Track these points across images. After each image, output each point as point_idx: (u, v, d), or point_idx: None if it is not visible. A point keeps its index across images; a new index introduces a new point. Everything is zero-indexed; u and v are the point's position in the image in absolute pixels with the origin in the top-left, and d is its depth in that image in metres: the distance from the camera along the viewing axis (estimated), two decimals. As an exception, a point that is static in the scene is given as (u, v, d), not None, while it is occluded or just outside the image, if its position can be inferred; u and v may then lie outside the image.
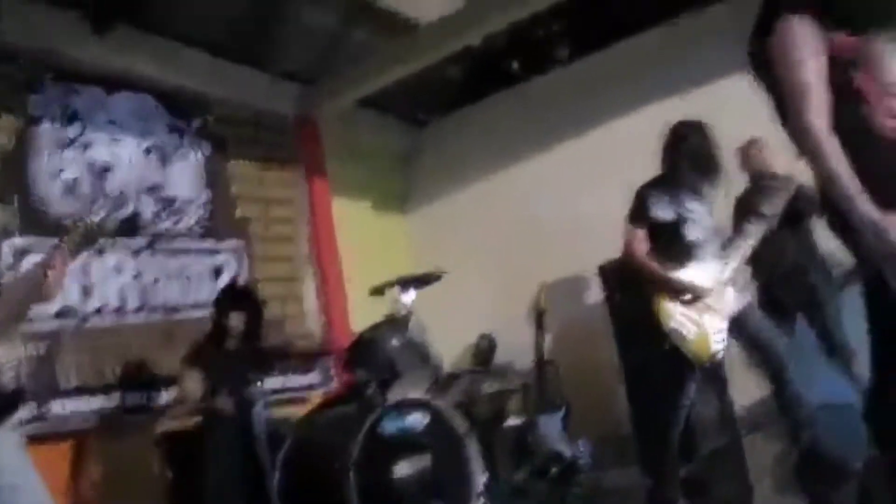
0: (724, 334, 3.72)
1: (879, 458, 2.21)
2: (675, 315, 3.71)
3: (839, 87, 2.00)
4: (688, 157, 3.78)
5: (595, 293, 5.81)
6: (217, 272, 5.27)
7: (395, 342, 3.58)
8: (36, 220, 4.38)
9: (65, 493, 4.07)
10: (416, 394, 3.53)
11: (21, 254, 4.24)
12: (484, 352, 6.39)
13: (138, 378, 4.68)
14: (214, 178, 5.44)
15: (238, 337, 4.06)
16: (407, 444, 3.40)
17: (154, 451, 4.22)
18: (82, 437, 4.31)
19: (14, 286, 2.21)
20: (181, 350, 4.69)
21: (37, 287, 2.17)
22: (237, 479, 3.64)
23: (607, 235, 4.22)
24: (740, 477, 4.45)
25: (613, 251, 4.37)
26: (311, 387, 5.43)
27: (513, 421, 5.04)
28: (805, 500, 3.66)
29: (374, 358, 3.56)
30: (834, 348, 4.47)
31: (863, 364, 2.57)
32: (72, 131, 4.66)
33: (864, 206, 1.89)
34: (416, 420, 3.45)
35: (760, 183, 4.58)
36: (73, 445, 4.24)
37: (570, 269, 6.02)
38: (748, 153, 4.75)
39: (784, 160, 3.93)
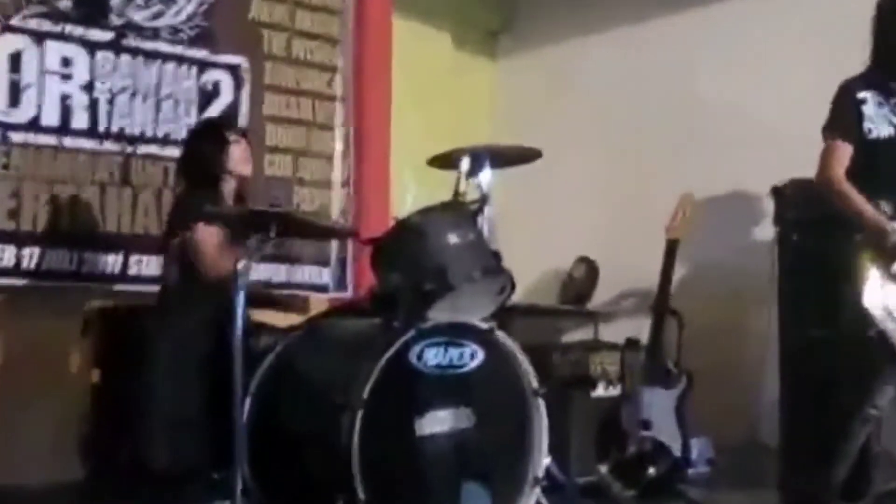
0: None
1: None
2: (883, 283, 3.74)
3: None
4: None
5: (762, 225, 5.78)
6: (207, 97, 5.37)
7: (452, 239, 3.54)
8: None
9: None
10: (473, 318, 3.53)
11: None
12: (579, 283, 6.52)
13: (72, 230, 4.79)
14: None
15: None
16: (445, 388, 3.43)
17: (79, 337, 4.34)
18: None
19: None
20: (139, 197, 4.91)
21: None
22: (193, 398, 3.72)
23: (789, 144, 4.17)
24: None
25: (799, 168, 4.43)
26: (315, 287, 5.57)
27: (604, 390, 5.15)
28: None
29: (417, 256, 3.53)
30: None
31: None
32: None
33: None
34: (467, 355, 3.47)
35: None
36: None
37: (727, 182, 6.01)
38: None
39: None
